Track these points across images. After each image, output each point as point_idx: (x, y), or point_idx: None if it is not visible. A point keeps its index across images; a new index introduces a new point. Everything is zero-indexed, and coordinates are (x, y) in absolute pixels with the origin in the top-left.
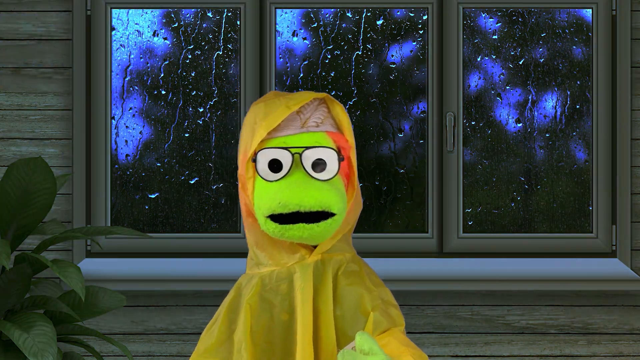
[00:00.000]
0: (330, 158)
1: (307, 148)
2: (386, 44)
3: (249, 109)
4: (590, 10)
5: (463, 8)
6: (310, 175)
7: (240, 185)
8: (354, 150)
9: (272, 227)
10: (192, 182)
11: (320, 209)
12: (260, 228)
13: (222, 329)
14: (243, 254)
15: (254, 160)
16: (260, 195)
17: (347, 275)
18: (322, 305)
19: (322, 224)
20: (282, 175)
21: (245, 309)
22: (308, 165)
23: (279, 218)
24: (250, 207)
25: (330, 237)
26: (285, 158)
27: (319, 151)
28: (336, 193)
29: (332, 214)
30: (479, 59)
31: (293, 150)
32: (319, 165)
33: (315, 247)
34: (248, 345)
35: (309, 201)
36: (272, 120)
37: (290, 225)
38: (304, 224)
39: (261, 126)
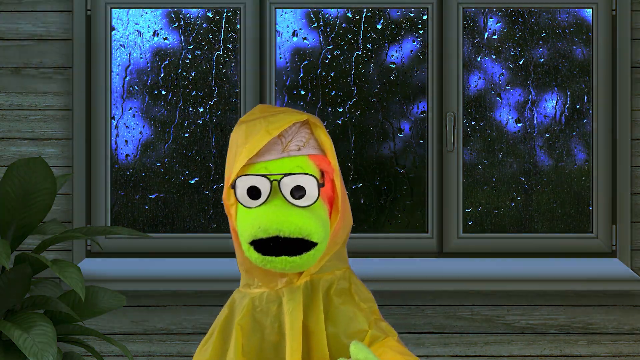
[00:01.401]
0: (310, 185)
1: (286, 175)
2: (386, 44)
3: (234, 128)
4: (590, 10)
5: (463, 8)
6: (290, 202)
7: (225, 209)
8: (338, 173)
9: (255, 257)
10: (192, 182)
11: (300, 236)
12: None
13: (216, 347)
14: None
15: (234, 187)
16: (242, 221)
17: (339, 294)
18: (314, 325)
19: (305, 255)
20: (260, 203)
21: (236, 329)
22: (287, 192)
23: (260, 245)
24: (235, 230)
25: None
26: (264, 185)
27: (298, 178)
28: (316, 220)
29: (314, 244)
30: (479, 59)
31: (271, 178)
32: (298, 191)
33: None
34: None
35: (289, 227)
36: (252, 147)
37: (273, 258)
38: (286, 256)
39: (241, 153)
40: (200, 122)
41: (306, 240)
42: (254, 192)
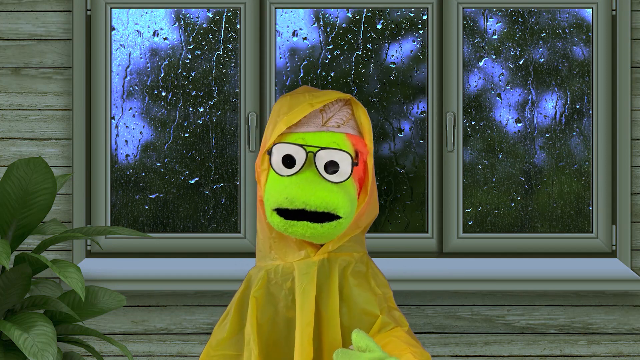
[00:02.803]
0: (344, 162)
1: (322, 148)
2: (386, 44)
3: (278, 100)
4: (590, 10)
5: (463, 8)
6: (322, 176)
7: (256, 175)
8: (371, 156)
9: (277, 221)
10: (192, 182)
11: (325, 210)
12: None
13: (234, 322)
14: (243, 254)
15: (269, 153)
16: (271, 187)
17: (355, 276)
18: (327, 303)
19: (326, 225)
20: (294, 172)
21: (251, 302)
22: (321, 165)
23: (284, 213)
24: (261, 198)
25: (336, 238)
26: (299, 155)
27: (333, 153)
28: (345, 196)
29: (338, 217)
30: (479, 59)
31: (308, 149)
32: (331, 166)
33: (321, 245)
34: (256, 337)
35: (315, 201)
36: (293, 116)
37: (294, 222)
38: (308, 222)
39: (282, 120)
40: (200, 122)
41: (331, 214)
42: (288, 161)
